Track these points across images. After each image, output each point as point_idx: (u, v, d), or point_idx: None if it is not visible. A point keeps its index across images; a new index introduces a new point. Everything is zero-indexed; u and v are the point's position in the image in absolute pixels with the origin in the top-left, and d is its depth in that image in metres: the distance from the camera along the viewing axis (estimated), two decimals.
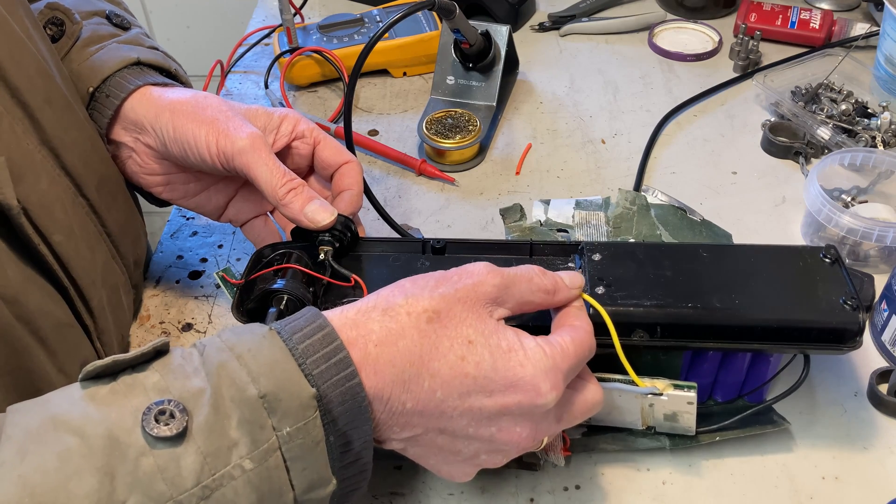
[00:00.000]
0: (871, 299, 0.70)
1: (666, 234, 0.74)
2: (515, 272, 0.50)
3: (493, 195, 0.83)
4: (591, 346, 0.51)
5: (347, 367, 0.44)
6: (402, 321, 0.46)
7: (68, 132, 0.57)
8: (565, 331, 0.51)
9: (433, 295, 0.47)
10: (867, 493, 0.58)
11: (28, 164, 0.52)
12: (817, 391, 0.65)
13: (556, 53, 1.03)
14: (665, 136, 0.90)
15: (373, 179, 0.85)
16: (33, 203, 0.52)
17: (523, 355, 0.47)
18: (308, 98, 0.97)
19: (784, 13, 1.02)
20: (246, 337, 0.44)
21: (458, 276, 0.49)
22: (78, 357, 0.58)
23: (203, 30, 1.51)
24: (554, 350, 0.48)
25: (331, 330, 0.45)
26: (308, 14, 1.09)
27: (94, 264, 0.59)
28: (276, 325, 0.45)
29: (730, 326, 0.56)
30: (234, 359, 0.43)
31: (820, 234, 0.76)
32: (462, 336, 0.47)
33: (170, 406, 0.40)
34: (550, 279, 0.52)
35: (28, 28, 0.57)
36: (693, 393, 0.55)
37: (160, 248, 0.79)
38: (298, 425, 0.42)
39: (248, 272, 0.62)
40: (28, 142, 0.53)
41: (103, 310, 0.60)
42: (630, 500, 0.58)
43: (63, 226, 0.55)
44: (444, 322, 0.47)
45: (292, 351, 0.43)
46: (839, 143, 0.84)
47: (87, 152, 0.60)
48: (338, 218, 0.61)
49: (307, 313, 0.46)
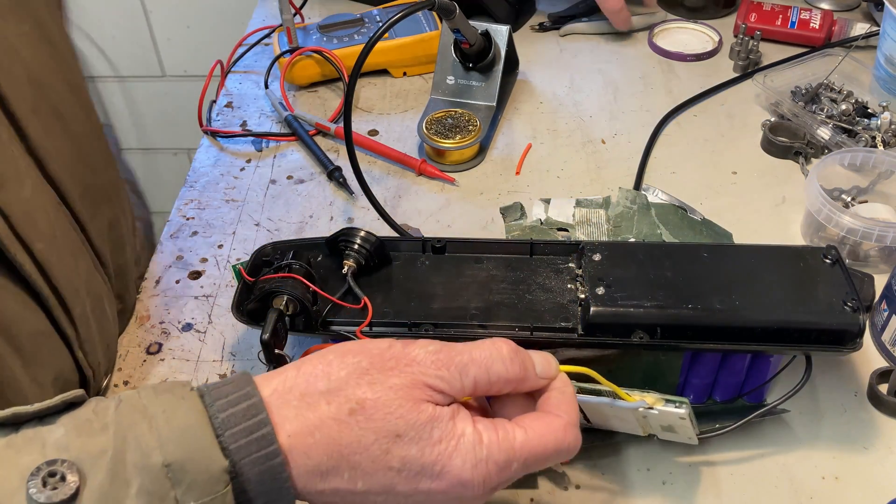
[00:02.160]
0: (871, 299, 0.70)
1: (666, 234, 0.74)
2: (470, 359, 0.45)
3: (493, 195, 0.83)
4: (560, 443, 0.46)
5: (270, 444, 0.40)
6: (320, 411, 0.42)
7: (54, 141, 0.57)
8: (531, 420, 0.46)
9: (360, 383, 0.43)
10: (867, 493, 0.58)
11: (12, 172, 0.51)
12: (817, 391, 0.65)
13: (556, 53, 1.03)
14: (665, 136, 0.90)
15: (373, 179, 0.85)
16: (16, 210, 0.51)
17: (454, 445, 0.43)
18: (308, 98, 0.97)
19: (784, 13, 1.02)
20: (164, 397, 0.41)
21: (396, 361, 0.44)
22: (55, 367, 0.57)
23: (203, 30, 1.50)
24: (493, 440, 0.44)
25: (258, 401, 0.41)
26: (308, 14, 1.09)
27: (76, 273, 0.58)
28: (202, 387, 0.42)
29: (730, 328, 0.56)
30: (146, 420, 0.39)
31: (820, 234, 0.76)
32: (389, 430, 0.42)
33: (62, 468, 0.37)
34: (516, 368, 0.46)
35: (26, 32, 0.56)
36: (684, 409, 0.52)
37: (160, 248, 0.79)
38: (205, 500, 0.38)
39: (250, 271, 0.62)
40: (13, 149, 0.52)
41: (87, 319, 0.59)
42: (630, 500, 0.58)
43: (45, 234, 0.54)
44: (368, 414, 0.42)
45: (212, 419, 0.40)
46: (839, 143, 0.84)
47: (72, 162, 0.59)
48: (370, 237, 0.61)
49: (238, 378, 0.43)
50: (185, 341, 0.70)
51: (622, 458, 0.61)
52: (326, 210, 0.82)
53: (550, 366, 0.49)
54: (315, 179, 0.86)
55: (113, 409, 0.40)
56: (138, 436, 0.39)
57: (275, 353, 0.56)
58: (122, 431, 0.39)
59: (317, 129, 0.91)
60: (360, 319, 0.58)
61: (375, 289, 0.61)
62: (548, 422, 0.46)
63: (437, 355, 0.45)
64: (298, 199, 0.84)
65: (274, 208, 0.83)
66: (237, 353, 0.69)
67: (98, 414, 0.40)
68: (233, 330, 0.71)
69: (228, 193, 0.85)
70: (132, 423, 0.39)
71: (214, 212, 0.83)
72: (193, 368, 0.68)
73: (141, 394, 0.41)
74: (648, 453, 0.61)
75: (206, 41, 1.50)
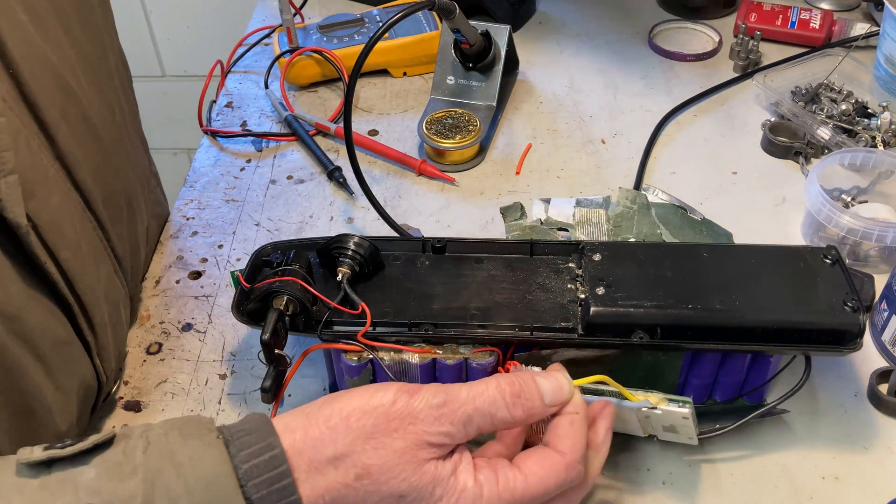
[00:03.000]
0: (871, 299, 0.70)
1: (666, 233, 0.74)
2: (474, 409, 0.46)
3: (493, 195, 0.83)
4: (562, 483, 0.47)
5: (290, 494, 0.42)
6: (329, 477, 0.44)
7: (81, 147, 0.57)
8: (533, 463, 0.47)
9: (365, 448, 0.44)
10: (867, 493, 0.58)
11: (41, 180, 0.52)
12: (817, 391, 0.65)
13: (556, 53, 1.03)
14: (665, 136, 0.90)
15: (373, 179, 0.85)
16: (44, 219, 0.51)
17: (454, 501, 0.45)
18: (308, 98, 0.97)
19: (784, 13, 1.02)
20: (192, 443, 0.42)
21: (400, 421, 0.45)
22: (77, 375, 0.57)
23: (203, 30, 1.51)
24: (493, 492, 0.46)
25: (280, 452, 0.43)
26: (308, 14, 1.09)
27: (98, 281, 0.59)
28: (226, 433, 0.43)
29: (730, 328, 0.56)
30: (174, 467, 0.41)
31: (820, 234, 0.76)
32: (393, 492, 0.44)
33: None
34: (519, 412, 0.47)
35: (57, 36, 0.55)
36: (687, 409, 0.53)
37: (160, 249, 0.79)
38: None
39: (250, 271, 0.62)
40: (43, 157, 0.52)
41: (105, 326, 0.60)
42: (630, 499, 0.58)
43: (71, 242, 0.54)
44: (374, 479, 0.44)
45: (236, 469, 0.42)
46: (839, 143, 0.84)
47: (98, 166, 0.59)
48: (363, 243, 0.61)
49: (260, 426, 0.44)
50: (185, 341, 0.70)
51: (622, 459, 0.61)
52: (326, 210, 0.82)
53: (562, 391, 0.49)
54: (315, 179, 0.86)
55: (141, 452, 0.42)
56: (166, 483, 0.40)
57: (275, 353, 0.56)
58: (151, 476, 0.40)
59: (317, 129, 0.91)
60: (360, 320, 0.58)
61: (375, 288, 0.61)
62: (550, 463, 0.47)
63: (440, 410, 0.46)
64: (298, 199, 0.84)
65: (274, 208, 0.83)
66: (237, 353, 0.69)
67: (127, 455, 0.41)
68: (233, 330, 0.71)
69: (228, 193, 0.85)
70: (160, 469, 0.41)
71: (214, 212, 0.83)
72: (193, 368, 0.68)
73: (168, 437, 0.43)
74: (648, 453, 0.61)
75: (206, 41, 1.50)
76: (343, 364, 0.57)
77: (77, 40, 0.58)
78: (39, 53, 0.53)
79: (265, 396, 0.56)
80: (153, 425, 0.44)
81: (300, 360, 0.58)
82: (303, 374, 0.66)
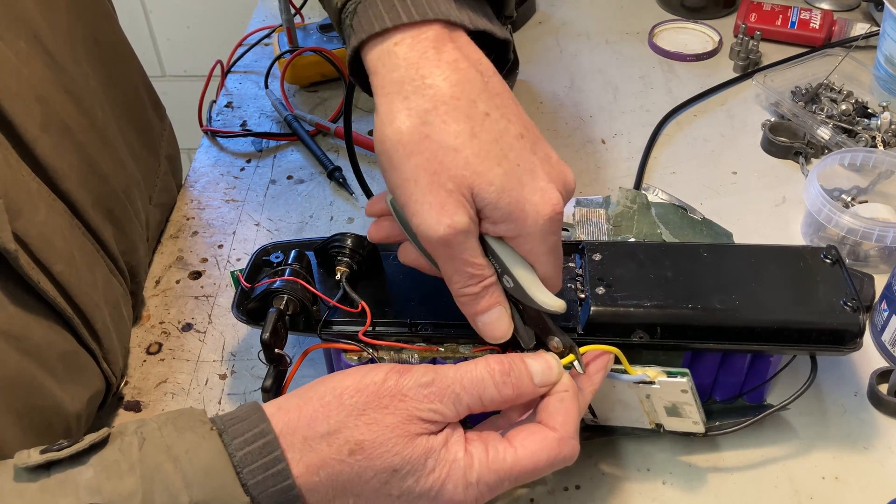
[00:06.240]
0: (871, 299, 0.70)
1: (666, 233, 0.74)
2: (462, 388, 0.47)
3: None
4: (553, 458, 0.47)
5: (285, 479, 0.43)
6: (322, 453, 0.45)
7: (64, 157, 0.56)
8: (523, 438, 0.48)
9: (357, 424, 0.45)
10: (867, 493, 0.58)
11: (25, 197, 0.51)
12: (817, 391, 0.65)
13: (556, 53, 1.03)
14: (665, 136, 0.90)
15: (373, 179, 0.85)
16: (33, 236, 0.51)
17: (446, 472, 0.46)
18: (308, 98, 0.97)
19: (784, 13, 1.02)
20: (187, 436, 0.43)
21: (391, 398, 0.46)
22: (88, 382, 0.58)
23: (203, 30, 1.51)
24: (483, 463, 0.46)
25: (273, 438, 0.44)
26: (308, 14, 1.09)
27: (95, 287, 0.58)
28: (219, 423, 0.44)
29: (730, 327, 0.56)
30: (171, 461, 0.42)
31: (820, 234, 0.76)
32: (386, 466, 0.45)
33: None
34: (508, 391, 0.48)
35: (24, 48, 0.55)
36: (685, 379, 0.53)
37: (160, 248, 0.79)
38: None
39: (250, 271, 0.62)
40: (23, 172, 0.52)
41: (108, 330, 0.60)
42: (630, 500, 0.58)
43: (63, 253, 0.54)
44: (367, 454, 0.45)
45: (231, 457, 0.43)
46: (839, 143, 0.84)
47: (83, 174, 0.59)
48: (361, 240, 0.61)
49: (251, 413, 0.45)
50: (185, 341, 0.70)
51: (622, 458, 0.61)
52: (326, 210, 0.82)
53: (551, 372, 0.50)
54: (315, 179, 0.86)
55: (137, 449, 0.42)
56: (164, 477, 0.41)
57: (275, 353, 0.56)
58: (149, 473, 0.41)
59: (317, 129, 0.91)
60: (360, 320, 0.58)
61: (375, 288, 0.61)
62: (541, 437, 0.48)
63: (428, 388, 0.46)
64: (298, 199, 0.84)
65: (274, 208, 0.83)
66: (237, 353, 0.69)
67: (124, 453, 0.42)
68: (233, 330, 0.71)
69: (228, 193, 0.85)
70: (158, 464, 0.41)
71: (214, 212, 0.83)
72: (193, 368, 0.68)
73: (163, 432, 0.43)
74: (648, 453, 0.61)
75: (206, 41, 1.51)
76: (343, 363, 0.57)
77: (47, 49, 0.57)
78: (11, 67, 0.52)
79: (266, 396, 0.56)
80: (146, 421, 0.44)
81: (300, 359, 0.58)
82: (303, 373, 0.66)
